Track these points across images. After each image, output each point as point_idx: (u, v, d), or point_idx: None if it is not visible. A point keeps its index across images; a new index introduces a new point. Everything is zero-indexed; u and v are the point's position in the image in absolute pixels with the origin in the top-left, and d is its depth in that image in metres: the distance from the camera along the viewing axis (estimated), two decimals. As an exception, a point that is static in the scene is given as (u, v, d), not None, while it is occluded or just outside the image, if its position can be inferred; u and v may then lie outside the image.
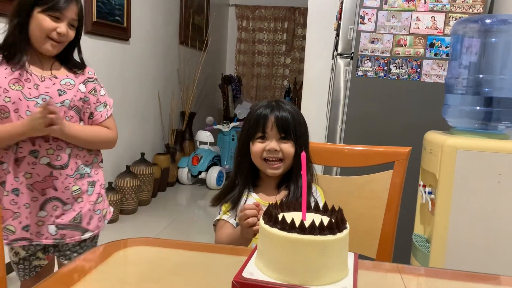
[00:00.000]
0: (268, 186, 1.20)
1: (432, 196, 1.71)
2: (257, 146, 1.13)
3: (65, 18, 1.29)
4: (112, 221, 3.17)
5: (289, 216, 0.60)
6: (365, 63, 2.27)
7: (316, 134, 2.95)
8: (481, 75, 1.66)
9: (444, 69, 2.19)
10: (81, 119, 1.40)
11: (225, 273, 0.80)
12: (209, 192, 4.12)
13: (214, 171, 4.15)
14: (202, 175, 4.19)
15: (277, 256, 0.58)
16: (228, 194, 1.18)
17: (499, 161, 1.57)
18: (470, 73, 1.70)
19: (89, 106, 1.40)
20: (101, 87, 1.47)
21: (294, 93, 5.50)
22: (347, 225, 0.60)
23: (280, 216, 0.59)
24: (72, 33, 1.33)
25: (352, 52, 2.25)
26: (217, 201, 1.19)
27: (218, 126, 4.56)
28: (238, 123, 4.63)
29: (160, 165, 3.87)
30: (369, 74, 2.27)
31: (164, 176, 3.96)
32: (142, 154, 3.61)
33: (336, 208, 0.63)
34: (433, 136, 1.72)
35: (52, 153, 1.32)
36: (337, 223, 0.58)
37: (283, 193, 1.17)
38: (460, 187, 1.60)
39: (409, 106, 2.20)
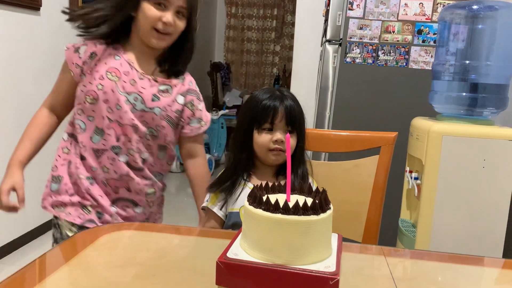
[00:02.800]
0: (265, 175, 1.19)
1: (418, 181, 1.73)
2: (264, 137, 1.13)
3: (171, 5, 1.16)
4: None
5: (273, 197, 0.60)
6: (353, 50, 2.27)
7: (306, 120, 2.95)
8: (467, 62, 1.68)
9: (431, 56, 2.20)
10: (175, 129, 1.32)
11: (211, 256, 0.80)
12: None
13: (203, 159, 4.14)
14: (191, 162, 4.18)
15: (262, 236, 0.58)
16: (226, 182, 1.17)
17: (484, 147, 1.59)
18: (456, 59, 1.71)
19: (182, 119, 1.33)
20: (200, 101, 1.39)
21: (283, 80, 5.49)
22: (331, 206, 0.60)
23: (264, 198, 0.59)
24: (180, 24, 1.19)
25: (341, 39, 2.25)
26: (213, 188, 1.18)
27: (207, 114, 4.54)
28: (227, 110, 4.62)
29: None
30: (357, 60, 2.27)
31: (152, 164, 3.94)
32: (130, 142, 3.58)
33: (320, 190, 0.64)
34: (419, 122, 1.74)
35: (133, 154, 1.23)
36: (320, 204, 0.58)
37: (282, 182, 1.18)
38: (446, 172, 1.62)
39: (396, 92, 2.21)
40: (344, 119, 2.28)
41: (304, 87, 3.04)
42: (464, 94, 1.68)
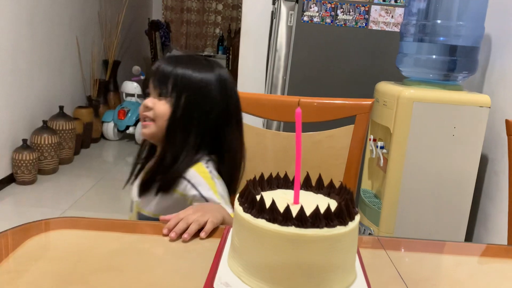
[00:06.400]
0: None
1: (384, 151, 1.63)
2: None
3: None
4: (29, 182, 2.83)
5: (278, 199, 0.42)
6: (311, 8, 2.09)
7: (255, 84, 2.78)
8: (438, 21, 1.56)
9: (392, 16, 2.07)
10: None
11: (183, 266, 0.62)
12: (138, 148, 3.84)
13: (144, 125, 3.86)
14: (130, 130, 3.88)
15: (265, 258, 0.40)
16: None
17: (455, 113, 1.51)
18: (427, 19, 1.58)
19: None
20: None
21: (228, 41, 5.21)
22: (357, 209, 0.44)
23: (267, 202, 0.41)
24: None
25: (298, -5, 2.05)
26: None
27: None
28: (168, 73, 4.30)
29: (82, 119, 3.51)
30: (315, 20, 2.09)
31: (87, 132, 3.61)
32: (61, 108, 3.23)
33: (336, 185, 0.46)
34: (387, 87, 1.61)
35: None
36: (347, 209, 0.41)
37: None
38: (415, 141, 1.53)
39: (356, 55, 2.07)
40: (301, 84, 2.13)
41: (254, 48, 2.83)
42: (434, 56, 1.57)
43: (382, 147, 1.64)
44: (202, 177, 0.89)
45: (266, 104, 1.27)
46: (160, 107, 0.92)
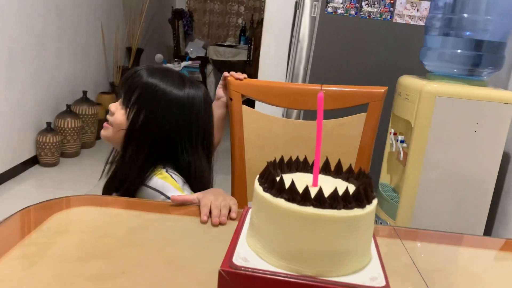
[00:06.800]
0: None
1: (404, 145, 1.62)
2: None
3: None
4: (52, 164, 2.90)
5: (297, 181, 0.43)
6: (335, -1, 2.08)
7: (276, 75, 2.78)
8: (465, 15, 1.53)
9: (417, 10, 2.05)
10: None
11: (202, 243, 0.64)
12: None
13: (164, 113, 3.90)
14: (151, 116, 3.93)
15: (283, 237, 0.41)
16: None
17: (478, 109, 1.48)
18: (453, 12, 1.56)
19: None
20: None
21: (250, 32, 5.21)
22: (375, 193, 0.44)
23: (287, 182, 0.42)
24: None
25: (323, -15, 2.04)
26: None
27: (169, 65, 4.25)
28: (190, 62, 4.34)
29: (104, 105, 3.57)
30: (339, 11, 2.08)
31: (109, 117, 3.67)
32: (85, 93, 3.29)
33: (355, 169, 0.47)
34: (409, 81, 1.60)
35: None
36: (365, 192, 0.42)
37: None
38: (436, 136, 1.51)
39: (379, 48, 2.05)
40: (323, 75, 2.12)
41: (277, 38, 2.83)
42: (459, 51, 1.54)
43: (402, 141, 1.63)
44: (166, 182, 0.89)
45: (282, 93, 1.26)
46: (118, 116, 0.93)
